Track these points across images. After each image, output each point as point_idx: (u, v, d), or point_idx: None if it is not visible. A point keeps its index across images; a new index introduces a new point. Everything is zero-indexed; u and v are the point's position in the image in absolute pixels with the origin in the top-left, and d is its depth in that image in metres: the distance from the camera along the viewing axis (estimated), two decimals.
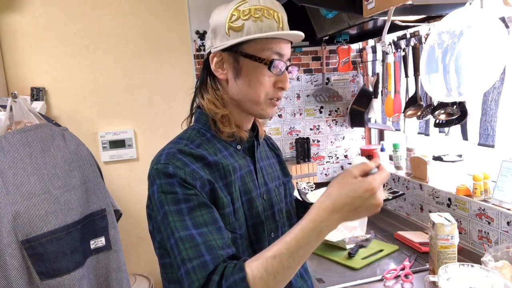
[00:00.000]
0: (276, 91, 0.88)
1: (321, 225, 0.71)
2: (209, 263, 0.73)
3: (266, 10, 0.85)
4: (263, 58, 0.85)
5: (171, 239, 0.78)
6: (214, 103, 0.89)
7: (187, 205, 0.78)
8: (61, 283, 1.35)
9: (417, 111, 1.78)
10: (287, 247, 0.71)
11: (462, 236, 1.60)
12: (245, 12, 0.84)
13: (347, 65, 2.36)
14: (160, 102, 2.26)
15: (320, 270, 1.57)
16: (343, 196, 0.70)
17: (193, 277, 0.73)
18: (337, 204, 0.70)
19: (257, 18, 0.84)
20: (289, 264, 0.71)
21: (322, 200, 0.73)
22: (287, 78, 0.88)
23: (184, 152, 0.84)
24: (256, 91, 0.87)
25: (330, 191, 0.73)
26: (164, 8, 2.20)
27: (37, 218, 1.33)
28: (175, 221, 0.78)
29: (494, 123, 1.45)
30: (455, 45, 1.22)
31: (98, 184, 1.54)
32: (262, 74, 0.86)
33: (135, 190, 2.25)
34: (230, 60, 0.88)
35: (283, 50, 0.87)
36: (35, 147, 1.39)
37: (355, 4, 1.41)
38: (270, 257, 0.71)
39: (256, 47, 0.85)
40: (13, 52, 2.02)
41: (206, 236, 0.76)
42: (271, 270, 0.70)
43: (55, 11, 2.05)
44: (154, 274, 2.26)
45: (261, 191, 0.94)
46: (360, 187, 0.69)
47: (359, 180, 0.70)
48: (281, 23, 0.86)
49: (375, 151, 2.32)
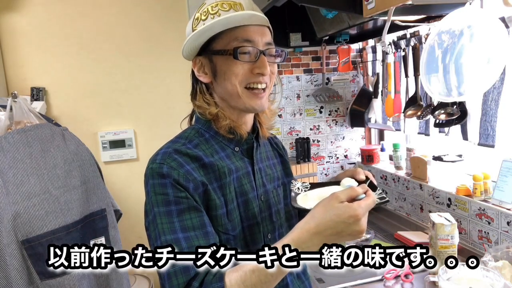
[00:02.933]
0: (254, 77, 0.86)
1: (302, 245, 0.71)
2: (191, 269, 0.74)
3: (222, 4, 0.84)
4: (228, 49, 0.84)
5: (158, 241, 0.79)
6: (203, 106, 0.90)
7: (177, 208, 0.79)
8: (61, 283, 1.35)
9: (417, 111, 1.77)
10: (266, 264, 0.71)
11: (462, 236, 1.60)
12: (204, 13, 0.86)
13: (347, 65, 2.36)
14: (160, 102, 2.26)
15: (320, 270, 1.56)
16: (327, 219, 0.71)
17: (174, 282, 0.74)
18: (320, 227, 0.71)
19: (214, 14, 0.84)
20: (266, 279, 0.72)
21: (306, 221, 0.73)
22: (264, 63, 0.85)
23: (180, 152, 0.84)
24: (231, 82, 0.86)
25: (314, 213, 0.73)
26: (164, 8, 2.20)
27: (37, 218, 1.33)
28: (163, 223, 0.79)
29: (494, 123, 1.45)
30: (455, 45, 1.22)
31: (98, 184, 1.54)
32: (234, 65, 0.85)
33: (135, 190, 2.25)
34: (206, 62, 0.89)
35: (253, 36, 0.85)
36: (35, 147, 1.39)
37: (355, 4, 1.41)
38: (249, 271, 0.72)
39: (222, 42, 0.85)
40: (13, 52, 2.02)
41: (192, 241, 0.77)
42: (249, 283, 0.71)
43: (55, 11, 2.05)
44: (154, 274, 2.26)
45: (258, 192, 0.94)
46: (344, 212, 0.70)
47: (344, 205, 0.71)
48: (242, 11, 0.84)
49: (375, 151, 2.32)
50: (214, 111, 0.89)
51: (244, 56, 0.85)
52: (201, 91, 0.92)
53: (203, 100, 0.91)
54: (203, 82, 0.91)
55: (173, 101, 2.27)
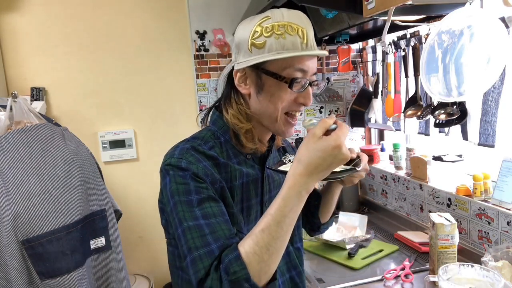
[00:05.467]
0: (296, 105, 0.88)
1: (300, 189, 0.75)
2: (216, 251, 0.75)
3: (290, 26, 0.83)
4: (284, 77, 0.84)
5: (178, 229, 0.80)
6: (238, 117, 0.90)
7: (197, 197, 0.80)
8: (61, 283, 1.35)
9: (417, 111, 1.77)
10: (273, 218, 0.74)
11: (462, 236, 1.60)
12: (268, 29, 0.83)
13: (347, 65, 2.36)
14: (160, 102, 2.26)
15: (320, 270, 1.57)
16: (314, 158, 0.74)
17: (199, 265, 0.74)
18: (311, 167, 0.74)
19: (279, 35, 0.83)
20: (278, 234, 0.73)
21: (295, 167, 0.76)
22: (309, 94, 0.88)
23: (197, 150, 0.86)
24: (275, 105, 0.87)
25: (299, 156, 0.76)
26: (164, 8, 2.20)
27: (37, 218, 1.33)
28: (184, 211, 0.79)
29: (494, 123, 1.45)
30: (455, 45, 1.22)
31: (98, 184, 1.54)
32: (284, 91, 0.86)
33: (135, 190, 2.25)
34: (252, 76, 0.88)
35: (307, 66, 0.86)
36: (35, 147, 1.39)
37: (355, 4, 1.41)
38: (259, 232, 0.73)
39: (278, 65, 0.85)
40: (13, 52, 2.02)
41: (214, 227, 0.78)
42: (262, 243, 0.73)
43: (55, 11, 2.05)
44: (154, 274, 2.26)
45: (264, 198, 0.96)
46: (328, 145, 0.73)
47: (325, 139, 0.74)
48: (305, 39, 0.84)
49: (375, 151, 2.32)
50: (248, 127, 0.90)
51: (297, 87, 0.86)
52: (237, 101, 0.91)
53: (238, 110, 0.90)
54: (242, 92, 0.90)
55: (173, 101, 2.27)
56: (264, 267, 0.73)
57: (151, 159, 2.24)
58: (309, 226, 1.19)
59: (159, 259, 2.31)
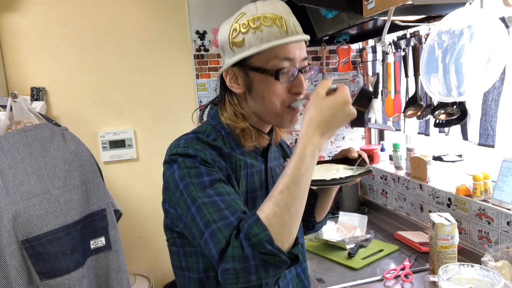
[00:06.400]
0: (292, 96, 0.86)
1: (313, 147, 0.75)
2: (234, 222, 0.73)
3: (264, 17, 0.82)
4: (269, 69, 0.83)
5: (192, 208, 0.77)
6: (232, 119, 0.89)
7: (209, 178, 0.79)
8: (61, 283, 1.36)
9: (417, 111, 1.77)
10: (291, 178, 0.72)
11: (462, 236, 1.60)
12: (245, 25, 0.83)
13: (347, 65, 2.36)
14: (160, 102, 2.26)
15: (320, 270, 1.57)
16: (325, 115, 0.75)
17: (219, 236, 0.72)
18: (322, 124, 0.75)
19: (255, 28, 0.82)
20: (297, 194, 0.72)
21: (307, 126, 0.76)
22: (302, 82, 0.85)
23: (201, 140, 0.85)
24: (271, 101, 0.85)
25: (310, 115, 0.76)
26: (164, 8, 2.20)
27: (37, 218, 1.33)
28: (197, 190, 0.77)
29: (494, 123, 1.45)
30: (455, 45, 1.22)
31: (98, 184, 1.54)
32: (273, 84, 0.84)
33: (135, 190, 2.25)
34: (241, 74, 0.87)
35: (293, 53, 0.83)
36: (35, 147, 1.39)
37: (355, 4, 1.41)
38: (278, 193, 0.72)
39: (261, 59, 0.83)
40: (13, 52, 2.02)
41: (229, 203, 0.76)
42: (282, 204, 0.71)
43: (55, 11, 2.05)
44: (154, 274, 2.26)
45: (269, 190, 0.94)
46: (337, 102, 0.75)
47: (333, 96, 0.76)
48: (284, 27, 0.82)
49: (375, 151, 2.32)
50: (243, 126, 0.89)
51: (284, 76, 0.84)
52: (231, 103, 0.90)
53: (233, 112, 0.89)
54: (236, 92, 0.89)
55: (173, 101, 2.27)
56: (286, 230, 0.71)
57: (151, 159, 2.24)
58: (304, 225, 1.18)
59: (159, 259, 2.31)
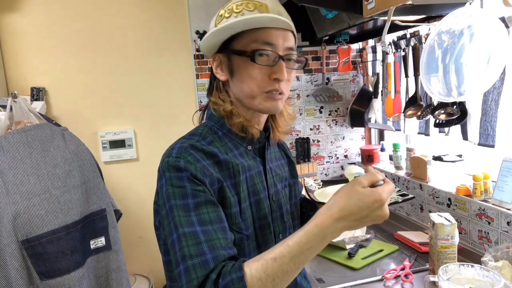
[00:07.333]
0: (272, 83, 0.84)
1: (326, 231, 0.70)
2: (210, 262, 0.72)
3: (247, 3, 0.83)
4: (246, 51, 0.83)
5: (173, 234, 0.76)
6: (218, 102, 0.90)
7: (194, 201, 0.77)
8: (61, 283, 1.35)
9: (417, 111, 1.77)
10: (289, 251, 0.70)
11: (462, 236, 1.60)
12: (228, 11, 0.84)
13: (347, 65, 2.36)
14: (160, 102, 2.26)
15: (320, 270, 1.57)
16: (351, 204, 0.70)
17: (193, 275, 0.71)
18: (344, 212, 0.70)
19: (238, 13, 0.82)
20: (289, 268, 0.70)
21: (329, 207, 0.72)
22: (282, 68, 0.83)
23: (196, 148, 0.83)
24: (248, 85, 0.85)
25: (337, 198, 0.72)
26: (164, 8, 2.20)
27: (37, 218, 1.33)
28: (180, 216, 0.76)
29: (494, 123, 1.45)
30: (455, 45, 1.22)
31: (98, 184, 1.54)
32: (251, 67, 0.83)
33: (135, 190, 2.25)
34: (225, 60, 0.88)
35: (274, 39, 0.83)
36: (35, 147, 1.39)
37: (355, 4, 1.41)
38: (271, 259, 0.70)
39: (242, 42, 0.84)
40: (13, 52, 2.02)
41: (210, 235, 0.75)
42: (270, 272, 0.69)
43: (55, 11, 2.05)
44: (154, 274, 2.26)
45: (270, 192, 0.93)
46: (369, 197, 0.70)
47: (368, 190, 0.71)
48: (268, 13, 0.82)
49: (375, 151, 2.32)
50: (229, 108, 0.88)
51: (262, 59, 0.83)
52: (218, 88, 0.91)
53: (218, 97, 0.90)
54: (220, 79, 0.90)
55: (173, 101, 2.27)
56: None
57: (151, 159, 2.23)
58: None
59: (159, 259, 2.28)
